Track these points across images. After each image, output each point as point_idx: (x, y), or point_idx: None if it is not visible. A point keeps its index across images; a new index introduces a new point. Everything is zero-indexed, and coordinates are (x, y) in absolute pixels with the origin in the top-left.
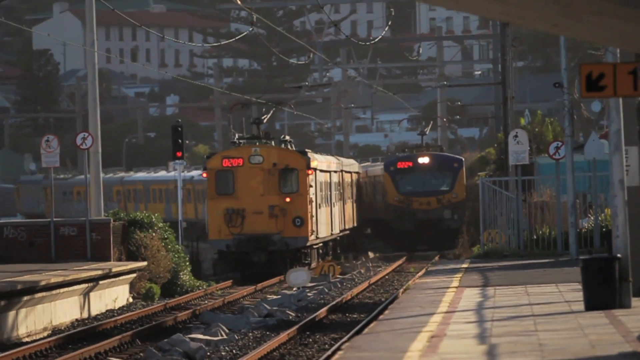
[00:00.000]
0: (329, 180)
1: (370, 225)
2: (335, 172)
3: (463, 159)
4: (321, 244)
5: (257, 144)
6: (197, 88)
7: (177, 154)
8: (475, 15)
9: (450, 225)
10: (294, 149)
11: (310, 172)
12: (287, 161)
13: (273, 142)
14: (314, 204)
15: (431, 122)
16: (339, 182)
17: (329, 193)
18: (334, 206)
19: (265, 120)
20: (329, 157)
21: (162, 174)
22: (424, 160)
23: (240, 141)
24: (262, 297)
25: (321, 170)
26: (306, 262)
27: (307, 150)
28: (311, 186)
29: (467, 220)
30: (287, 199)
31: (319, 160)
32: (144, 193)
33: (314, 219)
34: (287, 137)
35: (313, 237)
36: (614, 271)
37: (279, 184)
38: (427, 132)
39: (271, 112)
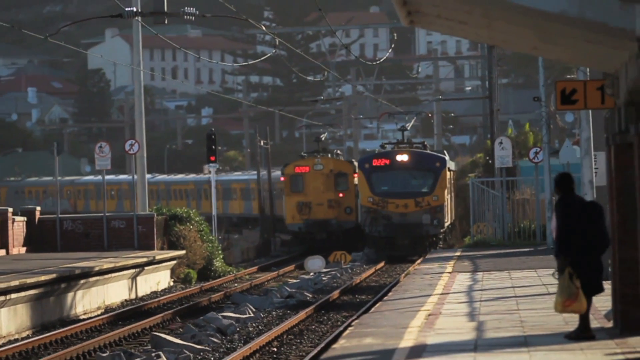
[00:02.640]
0: None
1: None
2: None
3: (446, 158)
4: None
5: (318, 156)
6: (228, 101)
7: (211, 158)
8: (466, 39)
9: (429, 231)
10: (343, 159)
11: (356, 175)
12: (340, 168)
13: (329, 155)
14: (358, 198)
15: (414, 117)
16: None
17: None
18: None
19: (323, 139)
20: None
21: (111, 176)
22: (402, 157)
23: (305, 154)
24: (283, 281)
25: None
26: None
27: (352, 160)
28: (356, 185)
29: (459, 214)
30: (340, 195)
31: None
32: (95, 192)
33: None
34: (339, 151)
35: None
36: None
37: (335, 184)
38: (409, 128)
39: (326, 132)
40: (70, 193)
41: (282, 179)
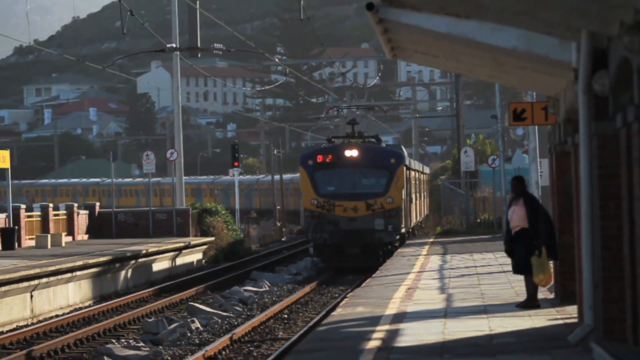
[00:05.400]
0: None
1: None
2: None
3: (404, 154)
4: None
5: None
6: (248, 119)
7: (235, 164)
8: (438, 69)
9: (382, 238)
10: None
11: None
12: None
13: None
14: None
15: (369, 112)
16: None
17: None
18: None
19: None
20: None
21: (64, 180)
22: (351, 153)
23: None
24: (292, 262)
25: None
26: None
27: None
28: None
29: (432, 209)
30: None
31: None
32: (51, 192)
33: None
34: None
35: None
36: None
37: None
38: (359, 122)
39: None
40: (29, 193)
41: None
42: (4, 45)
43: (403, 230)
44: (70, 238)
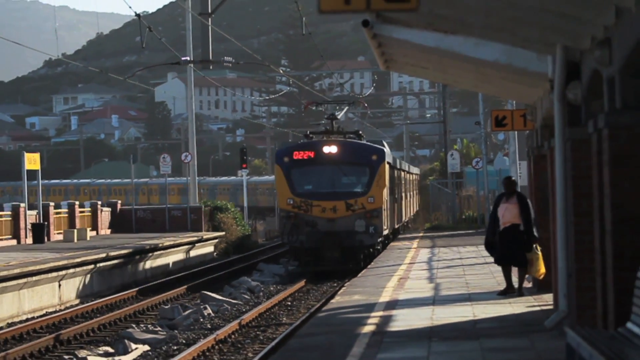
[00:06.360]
0: None
1: None
2: None
3: (386, 150)
4: None
5: None
6: (255, 125)
7: (243, 165)
8: (427, 80)
9: (363, 240)
10: None
11: None
12: None
13: None
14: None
15: (347, 107)
16: None
17: None
18: None
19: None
20: None
21: (51, 180)
22: (330, 149)
23: None
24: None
25: None
26: None
27: None
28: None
29: (421, 207)
30: None
31: None
32: (45, 191)
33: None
34: None
35: None
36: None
37: None
38: (340, 117)
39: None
40: (5, 192)
41: None
42: (35, 58)
43: (386, 232)
44: (94, 232)
